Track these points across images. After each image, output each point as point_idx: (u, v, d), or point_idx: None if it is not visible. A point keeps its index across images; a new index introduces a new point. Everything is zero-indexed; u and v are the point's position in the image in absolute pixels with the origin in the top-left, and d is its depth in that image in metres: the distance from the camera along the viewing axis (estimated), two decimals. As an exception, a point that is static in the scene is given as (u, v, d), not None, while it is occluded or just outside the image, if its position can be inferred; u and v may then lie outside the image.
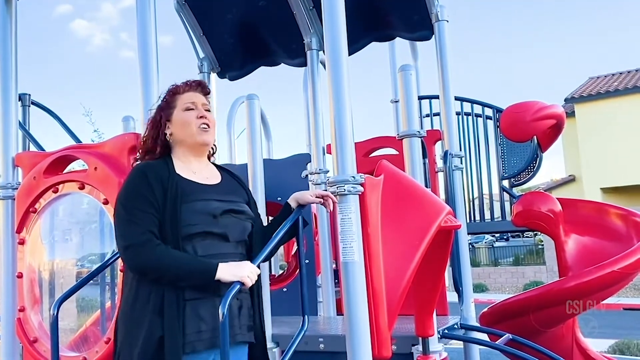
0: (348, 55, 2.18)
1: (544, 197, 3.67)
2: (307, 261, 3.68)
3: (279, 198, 3.39)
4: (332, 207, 2.11)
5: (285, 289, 3.95)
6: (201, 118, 1.96)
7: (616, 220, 3.61)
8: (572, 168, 19.33)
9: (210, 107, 2.04)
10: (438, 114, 5.54)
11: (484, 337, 3.21)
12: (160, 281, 1.75)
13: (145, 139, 2.01)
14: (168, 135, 1.98)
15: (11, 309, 2.72)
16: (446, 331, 2.86)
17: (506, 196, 5.95)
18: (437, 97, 3.81)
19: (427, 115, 6.03)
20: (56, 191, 2.60)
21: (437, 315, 2.66)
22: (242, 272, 1.77)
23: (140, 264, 1.76)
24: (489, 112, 5.96)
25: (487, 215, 6.21)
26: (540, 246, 19.05)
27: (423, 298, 2.49)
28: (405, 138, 3.03)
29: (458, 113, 5.82)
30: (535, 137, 4.23)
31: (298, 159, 3.88)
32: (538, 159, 5.57)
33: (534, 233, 21.63)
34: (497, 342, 2.95)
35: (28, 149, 4.42)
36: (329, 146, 2.74)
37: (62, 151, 2.67)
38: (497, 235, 28.70)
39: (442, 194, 3.58)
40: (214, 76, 4.32)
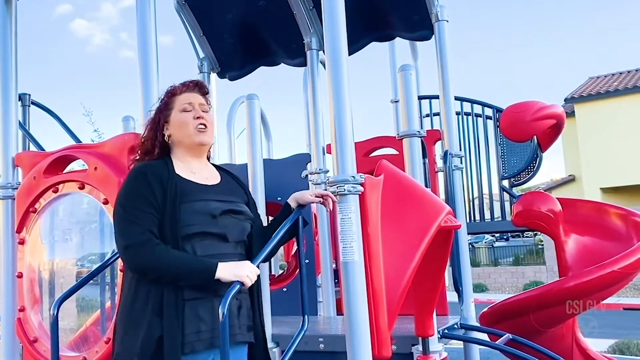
0: (348, 55, 2.19)
1: (544, 197, 3.67)
2: (307, 261, 3.68)
3: (279, 198, 3.39)
4: (332, 207, 2.11)
5: (285, 289, 3.96)
6: (198, 119, 1.96)
7: (616, 220, 3.61)
8: (572, 168, 19.33)
9: (207, 107, 2.04)
10: (438, 114, 5.54)
11: (484, 337, 3.21)
12: (160, 281, 1.75)
13: (143, 140, 2.02)
14: (167, 136, 1.98)
15: (11, 309, 2.72)
16: (446, 331, 2.86)
17: (506, 196, 5.95)
18: (437, 97, 3.81)
19: (427, 115, 6.03)
20: (56, 191, 2.60)
21: (437, 315, 2.66)
22: (242, 272, 1.77)
23: (140, 264, 1.76)
24: (489, 112, 5.96)
25: (487, 215, 6.22)
26: (540, 246, 19.04)
27: (423, 298, 2.49)
28: (405, 138, 3.04)
29: (458, 113, 5.82)
30: (535, 137, 4.23)
31: (298, 159, 3.88)
32: (538, 159, 5.56)
33: (534, 233, 21.62)
34: (497, 342, 2.95)
35: (28, 149, 4.41)
36: (329, 146, 2.74)
37: (62, 151, 2.67)
38: (497, 235, 28.70)
39: (442, 194, 3.58)
40: (214, 76, 4.32)
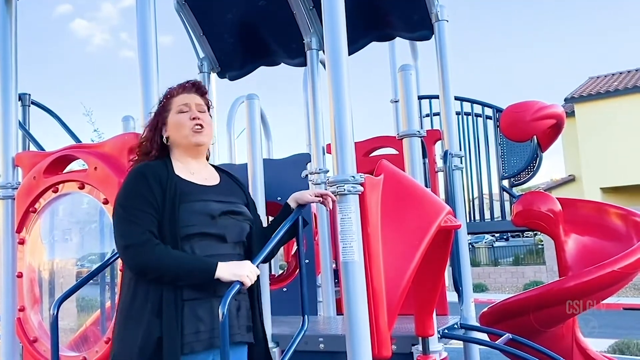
0: (348, 55, 2.19)
1: (544, 197, 3.67)
2: (307, 261, 3.68)
3: (279, 198, 3.39)
4: (332, 206, 2.12)
5: (285, 289, 3.95)
6: (194, 119, 1.96)
7: (616, 220, 3.61)
8: (572, 168, 19.33)
9: (205, 108, 2.03)
10: (438, 114, 5.55)
11: (484, 337, 3.21)
12: (159, 281, 1.75)
13: (142, 142, 2.02)
14: (165, 138, 1.98)
15: (11, 309, 2.72)
16: (446, 331, 2.86)
17: (506, 196, 5.96)
18: (437, 97, 3.81)
19: (427, 115, 6.03)
20: (56, 191, 2.60)
21: (437, 315, 2.66)
22: (242, 272, 1.77)
23: (140, 264, 1.76)
24: (489, 112, 5.97)
25: (487, 215, 6.22)
26: (540, 246, 19.05)
27: (423, 298, 2.49)
28: (405, 138, 3.04)
29: (458, 113, 5.82)
30: (535, 137, 4.24)
31: (298, 159, 3.88)
32: (538, 159, 5.57)
33: (534, 233, 21.62)
34: (497, 342, 2.95)
35: (28, 149, 4.41)
36: (329, 146, 2.74)
37: (62, 151, 2.67)
38: (497, 235, 28.70)
39: (442, 194, 3.58)
40: (214, 76, 4.32)
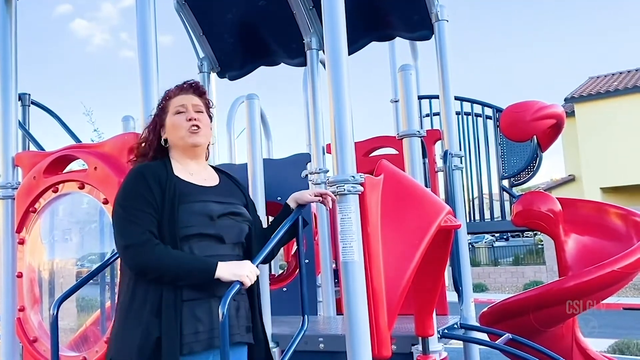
0: (348, 55, 2.19)
1: (544, 197, 3.67)
2: (307, 261, 3.68)
3: (279, 198, 3.39)
4: (332, 205, 2.12)
5: (285, 289, 3.95)
6: (190, 120, 1.96)
7: (616, 220, 3.61)
8: (572, 168, 19.33)
9: (203, 108, 2.02)
10: (438, 114, 5.55)
11: (484, 337, 3.21)
12: (159, 280, 1.75)
13: (140, 143, 2.02)
14: (163, 140, 1.99)
15: (11, 309, 2.72)
16: (446, 331, 2.86)
17: (506, 196, 5.96)
18: (437, 97, 3.81)
19: (427, 115, 6.03)
20: (56, 191, 2.60)
21: (437, 315, 2.66)
22: (242, 272, 1.77)
23: (140, 264, 1.76)
24: (489, 112, 5.97)
25: (487, 215, 6.22)
26: (540, 246, 19.05)
27: (423, 298, 2.49)
28: (405, 138, 3.04)
29: (458, 113, 5.82)
30: (535, 137, 4.24)
31: (298, 159, 3.89)
32: (538, 159, 5.57)
33: (534, 233, 21.63)
34: (497, 342, 2.95)
35: (28, 149, 4.41)
36: (329, 146, 2.74)
37: (62, 151, 2.67)
38: (497, 235, 28.71)
39: (442, 194, 3.58)
40: (214, 76, 4.32)
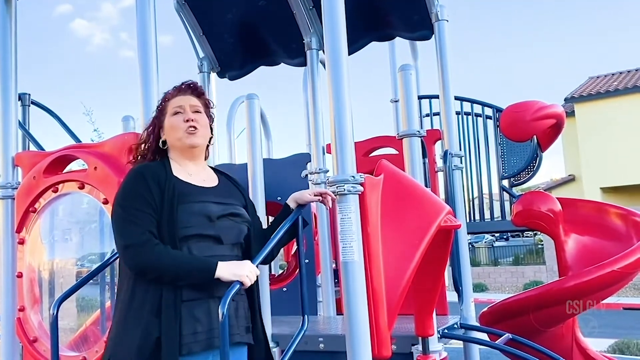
0: (348, 55, 2.19)
1: (544, 197, 3.67)
2: (307, 261, 3.68)
3: (279, 198, 3.39)
4: (331, 204, 2.12)
5: (285, 289, 3.95)
6: (188, 121, 1.96)
7: (616, 219, 3.61)
8: (572, 168, 19.33)
9: (201, 109, 2.01)
10: (438, 114, 5.55)
11: (484, 337, 3.21)
12: (159, 280, 1.75)
13: (139, 144, 2.03)
14: (161, 142, 1.99)
15: (11, 309, 2.72)
16: (446, 331, 2.86)
17: (506, 196, 5.96)
18: (437, 97, 3.81)
19: (427, 115, 6.03)
20: (56, 191, 2.60)
21: (437, 314, 2.66)
22: (242, 272, 1.77)
23: (140, 264, 1.76)
24: (489, 112, 5.97)
25: (487, 215, 6.22)
26: (540, 246, 19.05)
27: (423, 298, 2.49)
28: (405, 138, 3.04)
29: (458, 113, 5.82)
30: (535, 137, 4.24)
31: (298, 159, 3.89)
32: (538, 159, 5.57)
33: (534, 233, 21.63)
34: (497, 342, 2.96)
35: (28, 149, 4.41)
36: (329, 146, 2.74)
37: (62, 151, 2.67)
38: (497, 234, 28.71)
39: (442, 194, 3.58)
40: (214, 76, 4.32)
